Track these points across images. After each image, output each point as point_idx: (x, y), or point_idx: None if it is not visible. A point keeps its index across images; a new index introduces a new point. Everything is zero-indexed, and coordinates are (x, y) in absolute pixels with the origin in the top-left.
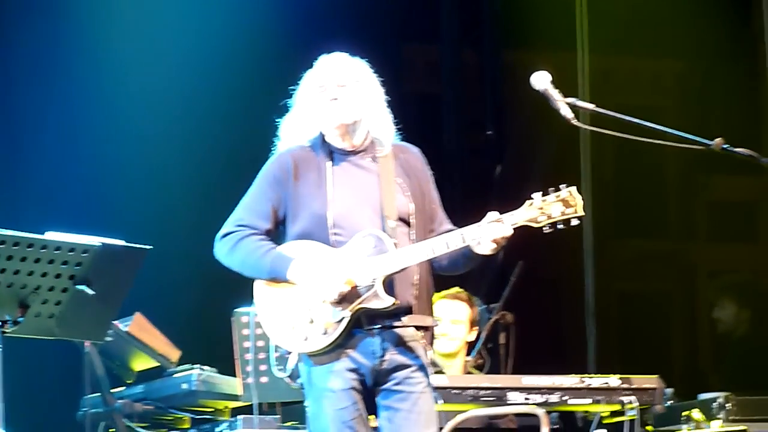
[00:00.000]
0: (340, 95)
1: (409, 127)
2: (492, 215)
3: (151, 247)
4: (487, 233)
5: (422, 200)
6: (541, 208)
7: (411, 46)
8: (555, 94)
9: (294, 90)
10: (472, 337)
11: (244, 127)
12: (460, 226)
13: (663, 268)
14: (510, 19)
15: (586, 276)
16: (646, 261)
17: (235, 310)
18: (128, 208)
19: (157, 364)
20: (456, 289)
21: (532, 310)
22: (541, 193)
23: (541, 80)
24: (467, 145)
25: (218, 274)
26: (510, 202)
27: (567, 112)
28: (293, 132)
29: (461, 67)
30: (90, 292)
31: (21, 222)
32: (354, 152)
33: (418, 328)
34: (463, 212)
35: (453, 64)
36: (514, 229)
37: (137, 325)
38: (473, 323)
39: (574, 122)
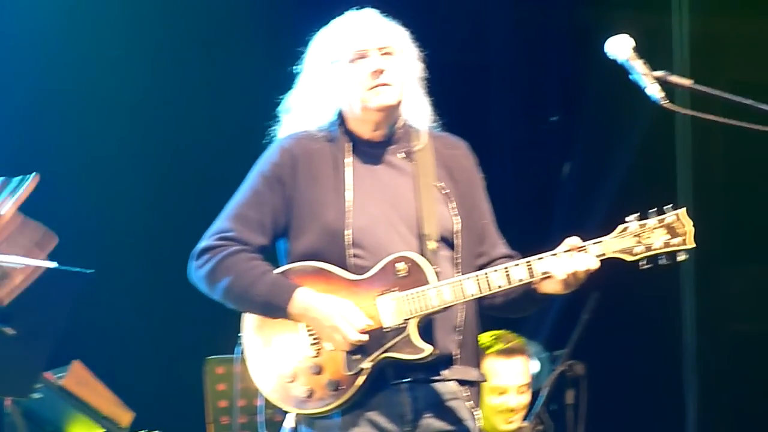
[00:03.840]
0: (387, 66)
1: (443, 109)
2: (571, 241)
3: (93, 271)
4: (565, 266)
5: (471, 213)
6: (639, 236)
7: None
8: (640, 66)
9: (300, 53)
10: (527, 397)
11: (217, 108)
12: (515, 249)
13: None
14: None
15: (684, 313)
16: None
17: (207, 357)
18: (63, 222)
19: (103, 430)
20: (507, 336)
21: (610, 358)
22: (637, 215)
23: (620, 46)
24: (523, 135)
25: (184, 308)
26: (581, 213)
27: (656, 92)
28: (301, 114)
29: (516, 30)
30: (11, 331)
31: None
32: (383, 144)
33: (461, 383)
34: (517, 228)
35: (505, 25)
36: (602, 261)
37: (75, 378)
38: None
39: (667, 105)
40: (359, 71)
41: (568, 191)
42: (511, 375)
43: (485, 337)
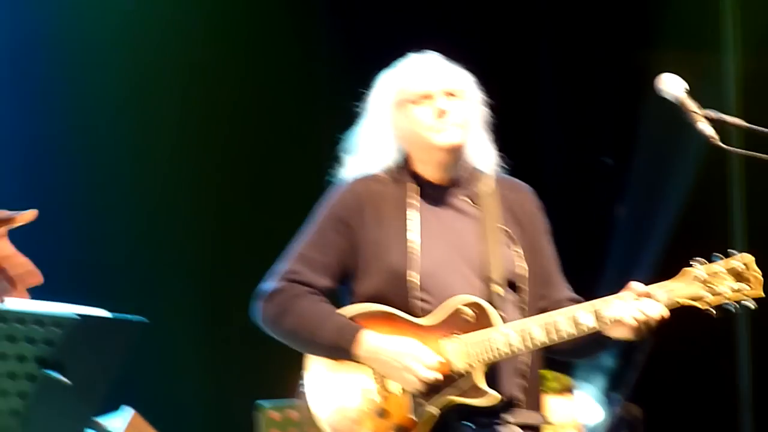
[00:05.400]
0: (452, 108)
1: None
2: (637, 287)
3: (147, 321)
4: (635, 312)
5: (536, 258)
6: (707, 283)
7: (499, 39)
8: (691, 106)
9: (363, 93)
10: None
11: (276, 158)
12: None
13: None
14: (630, 8)
15: (739, 357)
16: None
17: (259, 402)
18: (117, 271)
19: None
20: (557, 375)
21: (666, 400)
22: (700, 260)
23: (671, 86)
24: (575, 178)
25: (236, 353)
26: (635, 256)
27: (708, 130)
28: (366, 155)
29: (568, 71)
30: (64, 380)
31: None
32: (448, 188)
33: (524, 428)
34: (570, 272)
35: (557, 67)
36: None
37: (133, 428)
38: None
39: (719, 145)
40: (424, 112)
41: (622, 234)
42: (567, 412)
43: None
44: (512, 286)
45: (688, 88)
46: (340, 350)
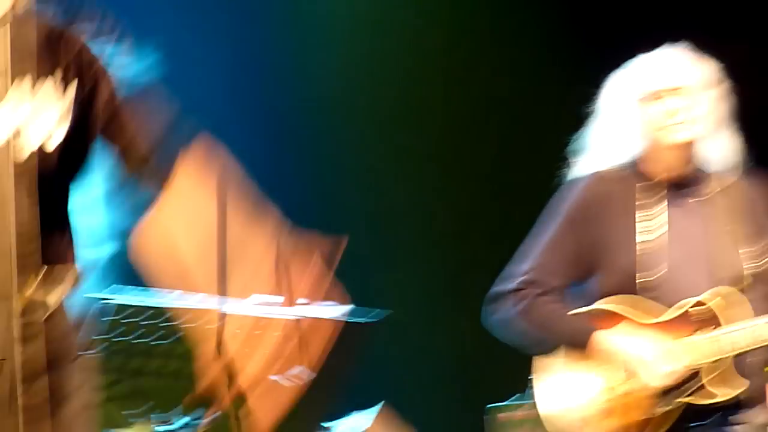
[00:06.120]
0: (683, 106)
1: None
2: None
3: (390, 312)
4: None
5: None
6: None
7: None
8: None
9: (591, 93)
10: None
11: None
12: None
13: None
14: None
15: None
16: None
17: (490, 406)
18: (354, 269)
19: None
20: None
21: None
22: None
23: None
24: None
25: (468, 356)
26: None
27: None
28: (597, 154)
29: None
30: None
31: None
32: (680, 186)
33: (754, 426)
34: None
35: None
36: None
37: (380, 421)
38: None
39: None
40: (654, 111)
41: None
42: None
43: None
44: (744, 285)
45: None
46: (575, 351)
